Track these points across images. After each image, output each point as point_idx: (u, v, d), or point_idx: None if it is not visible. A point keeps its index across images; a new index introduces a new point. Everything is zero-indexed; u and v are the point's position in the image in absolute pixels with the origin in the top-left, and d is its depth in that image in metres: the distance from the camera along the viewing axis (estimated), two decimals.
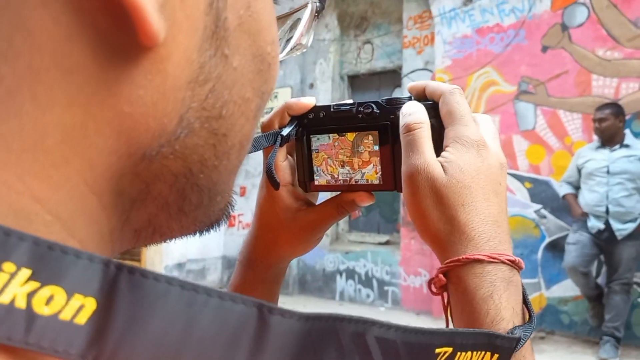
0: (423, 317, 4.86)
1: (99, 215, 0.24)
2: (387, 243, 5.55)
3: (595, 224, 3.89)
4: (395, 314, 5.01)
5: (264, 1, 0.29)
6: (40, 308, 0.19)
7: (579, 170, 4.06)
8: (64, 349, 0.19)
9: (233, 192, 0.33)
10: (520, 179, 4.65)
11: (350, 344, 0.26)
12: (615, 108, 3.96)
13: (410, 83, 0.51)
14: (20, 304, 0.19)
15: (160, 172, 0.26)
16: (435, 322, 4.46)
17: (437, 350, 0.31)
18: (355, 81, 6.21)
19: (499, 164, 0.45)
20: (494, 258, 0.41)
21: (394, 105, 0.50)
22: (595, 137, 4.05)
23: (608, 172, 3.87)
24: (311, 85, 6.19)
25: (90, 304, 0.20)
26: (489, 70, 4.88)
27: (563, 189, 4.22)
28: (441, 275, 0.44)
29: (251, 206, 6.20)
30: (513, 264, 0.42)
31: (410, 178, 0.45)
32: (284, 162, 0.54)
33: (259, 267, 0.56)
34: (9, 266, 0.18)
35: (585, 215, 3.96)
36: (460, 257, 0.42)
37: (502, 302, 0.41)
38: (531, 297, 4.41)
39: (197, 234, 0.32)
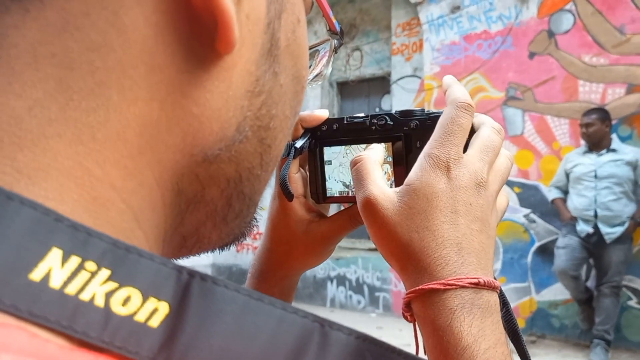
0: None
1: (160, 210, 0.25)
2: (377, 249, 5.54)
3: (584, 228, 3.93)
4: (387, 320, 5.01)
5: (304, 28, 0.31)
6: (117, 308, 0.20)
7: (567, 175, 4.10)
8: (136, 350, 0.20)
9: (259, 207, 0.34)
10: (510, 183, 4.68)
11: None
12: (602, 113, 4.00)
13: (446, 77, 0.48)
14: (99, 302, 0.19)
15: (216, 174, 0.27)
16: None
17: None
18: (344, 88, 6.23)
19: (474, 183, 0.42)
20: (449, 285, 0.39)
21: (408, 117, 0.50)
22: (582, 142, 4.09)
23: (596, 176, 3.91)
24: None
25: (163, 308, 0.20)
26: (477, 76, 4.92)
27: (552, 194, 4.25)
28: (404, 307, 0.43)
29: None
30: (477, 286, 0.39)
31: (361, 213, 0.45)
32: (296, 174, 0.54)
33: (271, 280, 0.56)
34: (91, 265, 0.19)
35: (574, 220, 4.00)
36: (416, 289, 0.40)
37: (463, 329, 0.38)
38: (522, 301, 4.46)
39: (227, 247, 0.33)
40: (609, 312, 3.87)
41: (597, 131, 3.94)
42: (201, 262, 6.35)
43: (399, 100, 5.48)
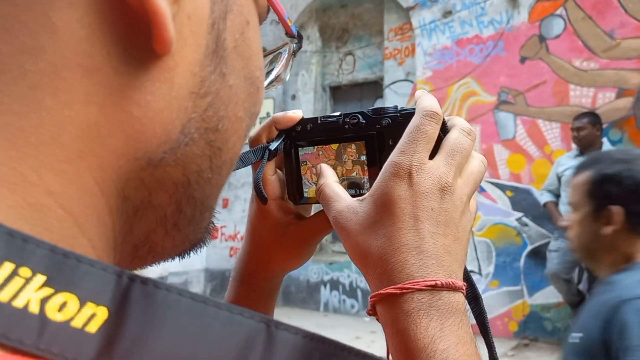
0: None
1: (106, 217, 0.25)
2: None
3: None
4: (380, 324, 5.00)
5: (254, 30, 0.31)
6: (53, 314, 0.19)
7: (559, 179, 4.12)
8: (73, 357, 0.19)
9: (215, 212, 0.33)
10: (502, 187, 4.71)
11: None
12: (593, 117, 4.03)
13: (418, 91, 0.50)
14: (34, 309, 0.19)
15: (163, 179, 0.27)
16: None
17: None
18: (337, 92, 6.24)
19: (437, 188, 0.42)
20: (405, 289, 0.39)
21: (380, 115, 0.51)
22: (573, 146, 4.12)
23: None
24: (293, 97, 6.20)
25: (102, 313, 0.20)
26: (469, 80, 4.94)
27: (544, 197, 4.27)
28: (372, 310, 0.44)
29: (234, 218, 6.17)
30: (434, 288, 0.39)
31: (335, 228, 0.46)
32: (272, 177, 0.54)
33: (253, 283, 0.56)
34: (25, 271, 0.19)
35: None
36: (375, 293, 0.41)
37: (419, 331, 0.38)
38: (514, 304, 4.47)
39: (184, 255, 0.32)
40: None
41: (588, 135, 3.96)
42: (194, 267, 6.33)
43: (392, 104, 5.47)
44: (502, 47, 4.78)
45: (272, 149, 0.52)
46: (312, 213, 0.57)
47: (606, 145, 4.01)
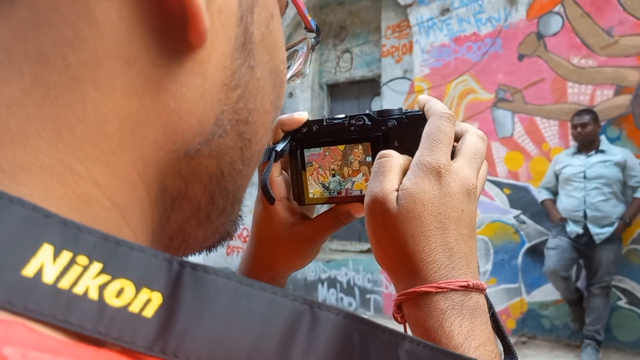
0: None
1: (147, 208, 0.25)
2: (368, 251, 5.55)
3: (573, 229, 3.94)
4: (378, 322, 5.00)
5: (278, 23, 0.32)
6: (111, 300, 0.20)
7: (557, 176, 4.12)
8: (132, 340, 0.20)
9: (243, 205, 0.34)
10: (500, 185, 4.70)
11: (382, 353, 0.27)
12: (594, 114, 4.02)
13: (421, 96, 0.50)
14: (93, 295, 0.20)
15: (198, 170, 0.27)
16: None
17: None
18: (334, 90, 6.23)
19: (465, 190, 0.43)
20: (441, 288, 0.41)
21: (385, 117, 0.51)
22: (572, 143, 4.11)
23: (585, 177, 3.93)
24: (290, 95, 6.19)
25: (157, 298, 0.21)
26: (467, 78, 4.93)
27: (541, 195, 4.26)
28: (395, 309, 0.44)
29: None
30: (467, 289, 0.41)
31: (367, 206, 0.45)
32: (278, 177, 0.55)
33: None
34: (82, 259, 0.20)
35: (563, 220, 4.01)
36: (408, 291, 0.42)
37: (453, 329, 0.40)
38: (512, 302, 4.46)
39: (213, 248, 0.33)
40: (600, 312, 3.89)
41: (592, 132, 3.95)
42: None
43: (389, 102, 5.48)
44: (500, 45, 4.77)
45: (279, 150, 0.53)
46: (315, 214, 0.57)
47: (604, 143, 4.01)
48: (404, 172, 0.46)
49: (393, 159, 0.46)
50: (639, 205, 3.90)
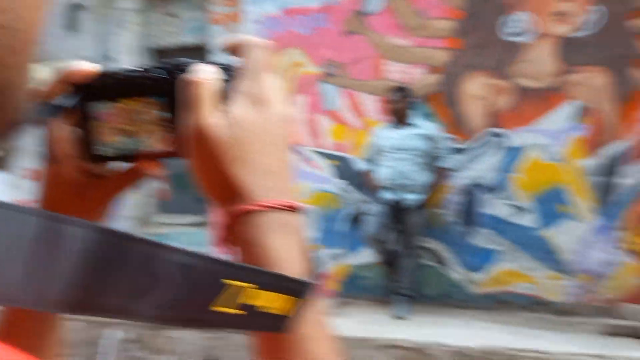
0: None
1: None
2: (197, 224, 5.45)
3: (389, 197, 4.30)
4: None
5: None
6: None
7: (376, 148, 4.43)
8: None
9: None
10: (326, 156, 4.92)
11: (138, 264, 0.28)
12: (405, 91, 4.38)
13: (227, 38, 0.50)
14: None
15: None
16: None
17: (227, 281, 0.34)
18: (162, 56, 5.91)
19: (283, 117, 0.46)
20: (263, 206, 0.43)
21: (182, 69, 0.48)
22: (389, 118, 4.44)
23: (399, 149, 4.29)
24: (110, 59, 5.73)
25: None
26: (296, 51, 5.02)
27: (363, 166, 4.57)
28: (223, 232, 0.46)
29: None
30: (281, 208, 0.44)
31: (189, 139, 0.45)
32: (66, 135, 0.50)
33: None
34: None
35: (381, 189, 4.35)
36: (234, 210, 0.44)
37: (271, 243, 0.43)
38: (336, 266, 4.72)
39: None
40: (411, 271, 4.32)
41: (401, 108, 4.32)
42: None
43: None
44: (328, 20, 4.93)
45: (64, 105, 0.49)
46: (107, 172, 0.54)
47: (416, 118, 4.40)
48: (220, 98, 0.46)
49: (203, 86, 0.45)
50: (444, 174, 4.39)
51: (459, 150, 4.55)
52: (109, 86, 0.50)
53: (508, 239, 4.46)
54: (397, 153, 4.30)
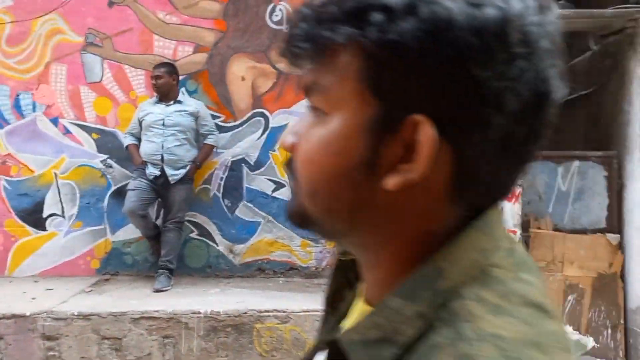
0: None
1: None
2: None
3: (152, 171, 4.31)
4: None
5: None
6: None
7: (140, 123, 4.40)
8: None
9: None
10: (88, 130, 4.73)
11: None
12: (170, 67, 4.42)
13: None
14: None
15: None
16: None
17: None
18: None
19: None
20: None
21: None
22: (154, 93, 4.44)
23: (164, 124, 4.32)
24: None
25: None
26: (56, 17, 4.71)
27: (126, 140, 4.50)
28: None
29: None
30: None
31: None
32: None
33: None
34: None
35: (144, 164, 4.34)
36: None
37: None
38: (97, 243, 4.60)
39: None
40: (173, 244, 4.40)
41: (165, 84, 4.34)
42: None
43: None
44: None
45: None
46: None
47: (182, 95, 4.48)
48: None
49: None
50: (208, 151, 4.54)
51: (224, 129, 4.74)
52: None
53: (268, 212, 4.80)
54: (161, 128, 4.32)
